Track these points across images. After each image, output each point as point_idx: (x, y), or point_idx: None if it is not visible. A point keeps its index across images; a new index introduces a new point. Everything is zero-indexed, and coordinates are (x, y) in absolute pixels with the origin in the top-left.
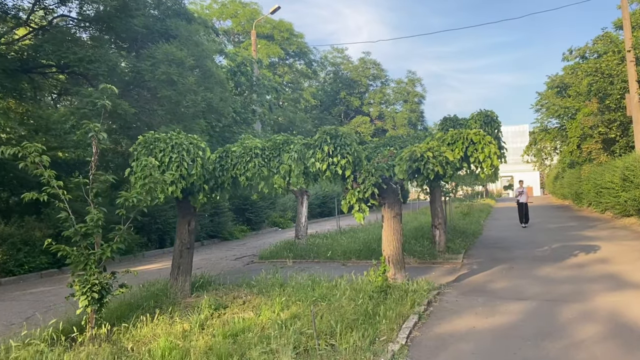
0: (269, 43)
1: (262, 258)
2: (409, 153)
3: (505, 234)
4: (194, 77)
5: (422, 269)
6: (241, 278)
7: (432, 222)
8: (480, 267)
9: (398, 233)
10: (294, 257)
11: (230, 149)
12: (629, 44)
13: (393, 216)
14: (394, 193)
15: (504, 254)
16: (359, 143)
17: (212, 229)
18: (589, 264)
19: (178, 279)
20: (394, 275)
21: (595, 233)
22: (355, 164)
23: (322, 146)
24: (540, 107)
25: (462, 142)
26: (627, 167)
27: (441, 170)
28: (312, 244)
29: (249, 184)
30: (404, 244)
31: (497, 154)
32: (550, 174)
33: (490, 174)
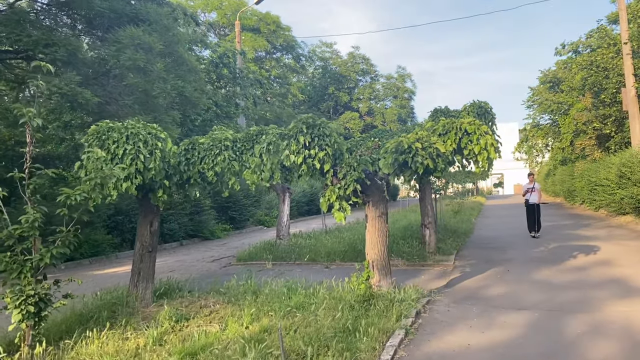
0: (255, 36)
1: (240, 260)
2: (395, 144)
3: (497, 233)
4: (163, 64)
5: (410, 272)
6: (213, 283)
7: (422, 221)
8: (474, 269)
9: (383, 234)
10: (274, 259)
11: (197, 141)
12: (625, 36)
13: (378, 215)
14: (378, 190)
15: (498, 255)
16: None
17: (192, 228)
18: (590, 267)
19: (138, 286)
20: (379, 282)
21: (592, 232)
22: (336, 157)
23: (297, 137)
24: (532, 103)
25: (455, 132)
26: (624, 164)
27: (431, 164)
28: (294, 245)
29: (218, 179)
30: (390, 245)
31: (495, 145)
32: (541, 171)
33: (486, 168)
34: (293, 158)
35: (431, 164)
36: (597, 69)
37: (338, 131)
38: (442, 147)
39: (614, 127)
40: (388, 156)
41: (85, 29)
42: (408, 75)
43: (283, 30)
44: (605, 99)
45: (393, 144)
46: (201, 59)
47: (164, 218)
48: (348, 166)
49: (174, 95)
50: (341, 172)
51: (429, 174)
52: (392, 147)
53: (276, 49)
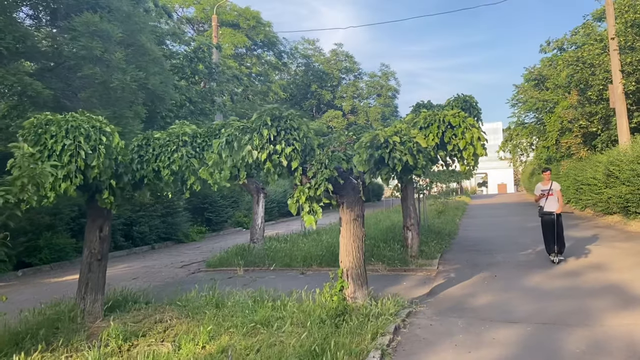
0: (234, 32)
1: (210, 266)
2: (369, 138)
3: (483, 234)
4: (122, 54)
5: (391, 278)
6: (175, 293)
7: (404, 222)
8: (458, 275)
9: (359, 240)
10: (247, 265)
11: (152, 136)
12: (612, 32)
13: (353, 219)
14: (354, 190)
15: (484, 259)
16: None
17: (164, 231)
18: (583, 272)
19: (86, 298)
20: (354, 294)
21: (580, 233)
22: (306, 154)
23: (260, 130)
24: (516, 101)
25: (438, 125)
26: (612, 162)
27: (411, 161)
28: (269, 249)
29: (176, 179)
30: (371, 248)
31: (482, 140)
32: (525, 171)
33: (472, 165)
34: (256, 154)
35: (411, 160)
36: (583, 66)
37: (307, 122)
38: (423, 142)
39: (600, 125)
40: (362, 152)
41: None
42: (392, 74)
43: (263, 26)
44: (591, 96)
45: (368, 138)
46: (175, 53)
47: (134, 220)
48: (319, 163)
49: (135, 88)
50: (311, 170)
51: (409, 172)
52: (366, 141)
53: (257, 45)
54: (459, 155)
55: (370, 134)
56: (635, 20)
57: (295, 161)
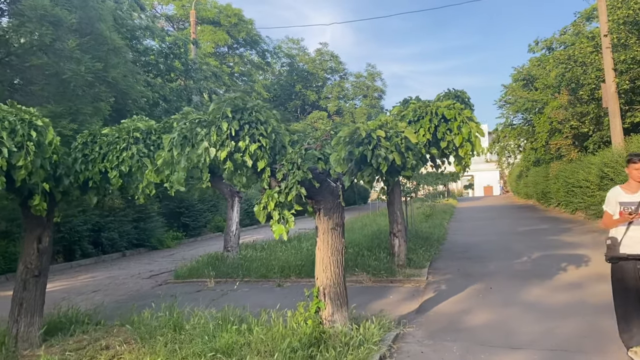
0: (215, 29)
1: (179, 277)
2: (349, 132)
3: (472, 239)
4: (75, 42)
5: (377, 291)
6: (135, 309)
7: (390, 229)
8: (450, 287)
9: (338, 252)
10: (219, 276)
11: (99, 132)
12: (605, 29)
13: (331, 228)
14: (332, 194)
15: (476, 267)
16: None
17: (136, 237)
18: (587, 284)
19: (20, 321)
20: (332, 317)
21: (575, 238)
22: (275, 152)
23: (220, 123)
24: (504, 102)
25: (430, 118)
26: (606, 164)
27: (398, 159)
28: (244, 258)
29: (126, 182)
30: (355, 257)
31: (481, 135)
32: (512, 172)
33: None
34: (214, 152)
35: (398, 159)
36: (574, 64)
37: (276, 114)
38: (413, 137)
39: (592, 125)
40: (340, 149)
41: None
42: (378, 74)
43: (245, 24)
44: (583, 95)
45: (347, 132)
46: (149, 49)
47: (102, 226)
48: (290, 164)
49: (90, 79)
50: (281, 171)
51: (396, 172)
52: (345, 136)
53: (239, 43)
54: (455, 153)
55: (349, 128)
56: (628, 16)
57: (262, 161)
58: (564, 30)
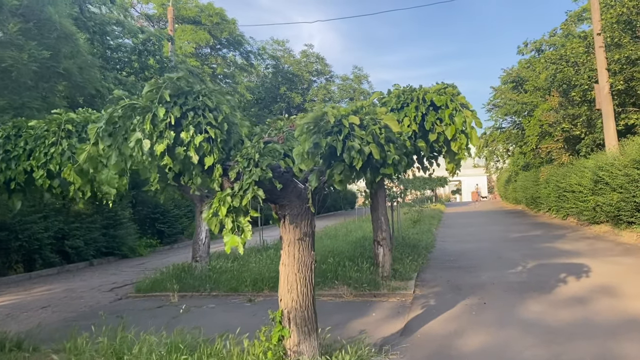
0: (195, 28)
1: (140, 290)
2: (313, 118)
3: (462, 246)
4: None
5: (358, 307)
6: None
7: (374, 236)
8: (439, 302)
9: (307, 268)
10: (185, 289)
11: (25, 125)
12: (598, 28)
13: (298, 239)
14: (299, 198)
15: (467, 278)
16: None
17: (106, 245)
18: (591, 297)
19: None
20: (297, 347)
21: (570, 245)
22: (230, 146)
23: (156, 110)
24: (492, 106)
25: (416, 105)
26: (601, 167)
27: (377, 153)
28: (214, 270)
29: (61, 182)
30: (335, 268)
31: (478, 124)
32: (501, 177)
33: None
34: (147, 146)
35: (376, 152)
36: (566, 64)
37: (231, 100)
38: (394, 126)
39: (584, 128)
40: (304, 139)
41: None
42: (365, 77)
43: (228, 23)
44: (575, 97)
45: (311, 118)
46: (121, 45)
47: (66, 233)
48: (245, 160)
49: (34, 69)
50: (233, 169)
51: (375, 170)
52: (309, 122)
53: (222, 44)
54: (446, 148)
55: (315, 113)
56: (621, 15)
57: (210, 156)
58: (553, 31)
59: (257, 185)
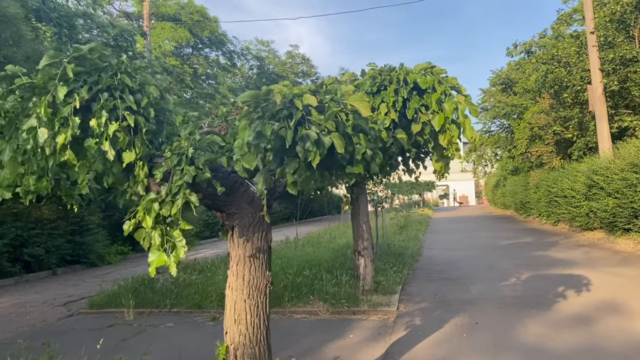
0: (175, 26)
1: (94, 306)
2: (253, 96)
3: (451, 254)
4: None
5: (334, 326)
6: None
7: (355, 246)
8: (426, 321)
9: (259, 293)
10: (143, 305)
11: None
12: (591, 26)
13: (249, 255)
14: (251, 205)
15: (456, 292)
16: None
17: (71, 252)
18: (596, 317)
19: None
20: None
21: (564, 254)
22: (161, 139)
23: (55, 90)
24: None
25: (396, 88)
26: (595, 171)
27: (340, 145)
28: (177, 282)
29: None
30: (310, 282)
31: (474, 113)
32: (489, 182)
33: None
34: (44, 136)
35: (340, 144)
36: (558, 64)
37: (169, 87)
38: (364, 109)
39: (576, 131)
40: (243, 127)
41: None
42: None
43: (210, 22)
44: (567, 98)
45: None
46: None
47: (25, 240)
48: (176, 156)
49: None
50: (159, 168)
51: (339, 168)
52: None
53: (203, 43)
54: (433, 143)
55: (261, 92)
56: (614, 13)
57: (130, 151)
58: (543, 33)
59: (191, 189)
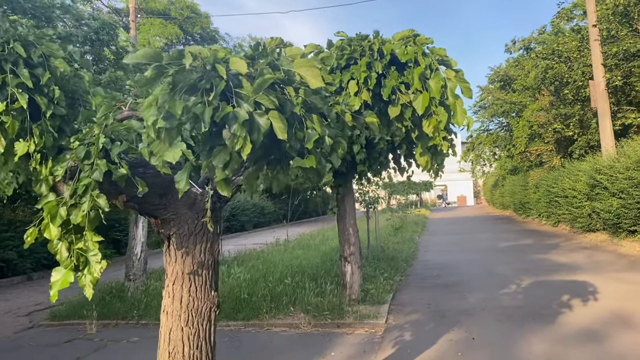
0: (165, 22)
1: (56, 317)
2: (150, 56)
3: (446, 257)
4: None
5: (316, 341)
6: None
7: (341, 251)
8: (417, 336)
9: (201, 319)
10: (109, 316)
11: None
12: (593, 19)
13: (188, 272)
14: (191, 209)
15: (452, 301)
16: None
17: (48, 256)
18: (606, 331)
19: None
20: None
21: (566, 257)
22: (70, 127)
23: None
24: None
25: (369, 62)
26: (599, 170)
27: (282, 129)
28: (148, 291)
29: None
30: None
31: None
32: (487, 182)
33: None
34: None
35: (281, 126)
36: (559, 59)
37: (76, 57)
38: (313, 79)
39: (577, 128)
40: (149, 104)
41: None
42: None
43: (200, 18)
44: (567, 95)
45: (143, 57)
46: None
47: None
48: (84, 147)
49: None
50: (61, 162)
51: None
52: (143, 64)
53: (194, 39)
54: (415, 132)
55: (165, 52)
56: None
57: (26, 141)
58: (542, 29)
59: (111, 189)
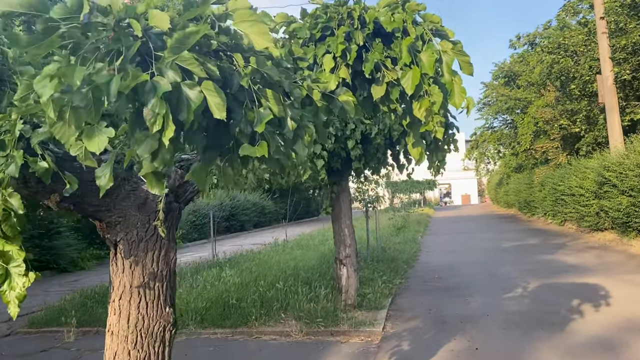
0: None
1: (33, 324)
2: (27, 4)
3: (449, 258)
4: None
5: (307, 351)
6: None
7: (337, 253)
8: (416, 345)
9: (152, 340)
10: (91, 323)
11: None
12: (601, 11)
13: (137, 285)
14: (140, 210)
15: (453, 306)
16: None
17: (39, 258)
18: (621, 339)
19: None
20: None
21: (575, 258)
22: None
23: None
24: (483, 105)
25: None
26: (607, 168)
27: (219, 106)
28: None
29: None
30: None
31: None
32: (492, 180)
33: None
34: None
35: (218, 102)
36: (565, 54)
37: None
38: (259, 37)
39: (584, 125)
40: (35, 74)
41: None
42: None
43: None
44: (574, 90)
45: (16, 5)
46: None
47: None
48: None
49: None
50: None
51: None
52: (10, 14)
53: None
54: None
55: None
56: None
57: None
58: (547, 23)
59: (26, 187)
